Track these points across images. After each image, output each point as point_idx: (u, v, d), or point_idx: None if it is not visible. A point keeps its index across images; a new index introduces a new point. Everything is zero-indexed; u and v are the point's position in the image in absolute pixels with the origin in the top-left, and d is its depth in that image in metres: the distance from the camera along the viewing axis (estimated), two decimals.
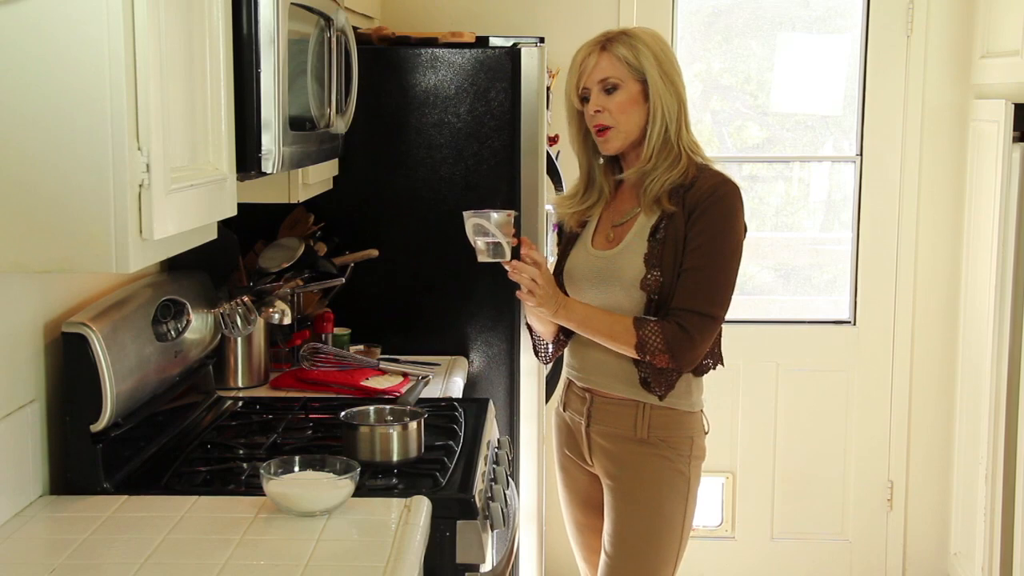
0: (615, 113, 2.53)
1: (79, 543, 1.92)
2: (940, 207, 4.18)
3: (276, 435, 2.53)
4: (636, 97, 2.53)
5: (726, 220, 2.51)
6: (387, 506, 2.09)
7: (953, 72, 4.11)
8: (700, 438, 2.62)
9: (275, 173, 2.14)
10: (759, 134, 4.44)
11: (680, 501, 2.57)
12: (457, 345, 3.40)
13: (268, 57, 2.07)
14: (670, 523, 2.57)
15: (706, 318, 2.48)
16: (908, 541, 4.33)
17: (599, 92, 2.54)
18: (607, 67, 2.53)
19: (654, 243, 2.51)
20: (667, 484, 2.56)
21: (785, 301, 4.57)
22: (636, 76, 2.52)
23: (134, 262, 1.64)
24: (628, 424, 2.57)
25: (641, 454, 2.56)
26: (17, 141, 1.60)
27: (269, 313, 2.93)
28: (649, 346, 2.48)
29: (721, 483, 4.34)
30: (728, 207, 2.51)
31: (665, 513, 2.56)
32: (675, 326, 2.47)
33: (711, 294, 2.50)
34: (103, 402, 2.12)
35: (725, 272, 2.52)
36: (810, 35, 4.32)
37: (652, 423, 2.55)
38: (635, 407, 2.56)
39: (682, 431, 2.58)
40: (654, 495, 2.56)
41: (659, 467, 2.56)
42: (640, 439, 2.56)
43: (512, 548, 2.56)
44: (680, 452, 2.57)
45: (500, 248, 2.51)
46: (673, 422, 2.57)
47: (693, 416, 2.60)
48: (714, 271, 2.50)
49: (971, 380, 3.96)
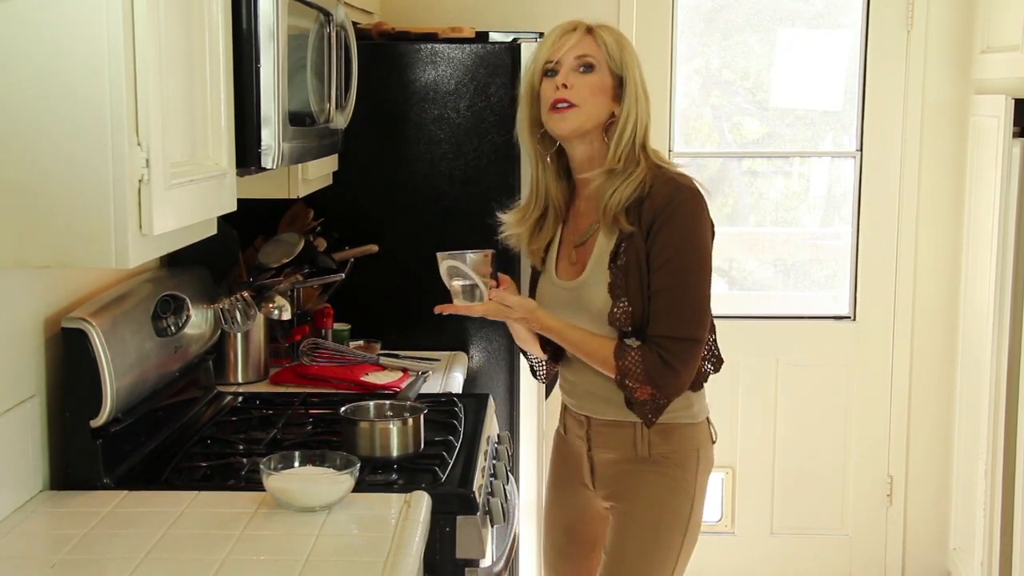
0: (584, 93, 2.33)
1: (79, 538, 1.92)
2: (940, 202, 4.18)
3: (276, 430, 2.53)
4: (607, 88, 2.35)
5: (688, 230, 2.33)
6: (387, 501, 2.09)
7: (953, 67, 4.11)
8: (707, 449, 2.47)
9: (274, 168, 2.14)
10: (759, 129, 4.44)
11: (680, 522, 2.44)
12: (457, 340, 3.40)
13: (267, 52, 2.07)
14: (667, 546, 2.44)
15: (687, 342, 2.32)
16: (908, 536, 4.34)
17: (572, 69, 2.34)
18: (589, 46, 2.36)
19: (616, 270, 2.34)
20: (668, 505, 2.43)
21: (785, 296, 4.57)
22: (614, 69, 2.35)
23: (134, 257, 1.64)
24: (628, 444, 2.42)
25: (643, 472, 2.42)
26: (17, 137, 1.60)
27: (269, 308, 2.93)
28: (631, 376, 2.33)
29: (721, 478, 4.34)
30: (687, 215, 2.32)
31: (662, 534, 2.43)
32: (656, 357, 2.30)
33: (687, 316, 2.32)
34: (103, 397, 2.12)
35: (698, 287, 2.34)
36: (810, 30, 4.31)
37: (652, 440, 2.40)
38: (633, 427, 2.41)
39: (686, 444, 2.43)
40: (653, 516, 2.43)
41: (660, 486, 2.42)
42: (642, 458, 2.41)
43: (512, 543, 2.56)
44: (686, 468, 2.43)
45: (477, 291, 2.36)
46: (675, 436, 2.42)
47: (697, 427, 2.45)
48: (686, 289, 2.33)
49: (971, 375, 3.96)
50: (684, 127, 4.29)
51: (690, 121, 4.34)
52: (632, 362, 2.32)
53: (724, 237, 4.62)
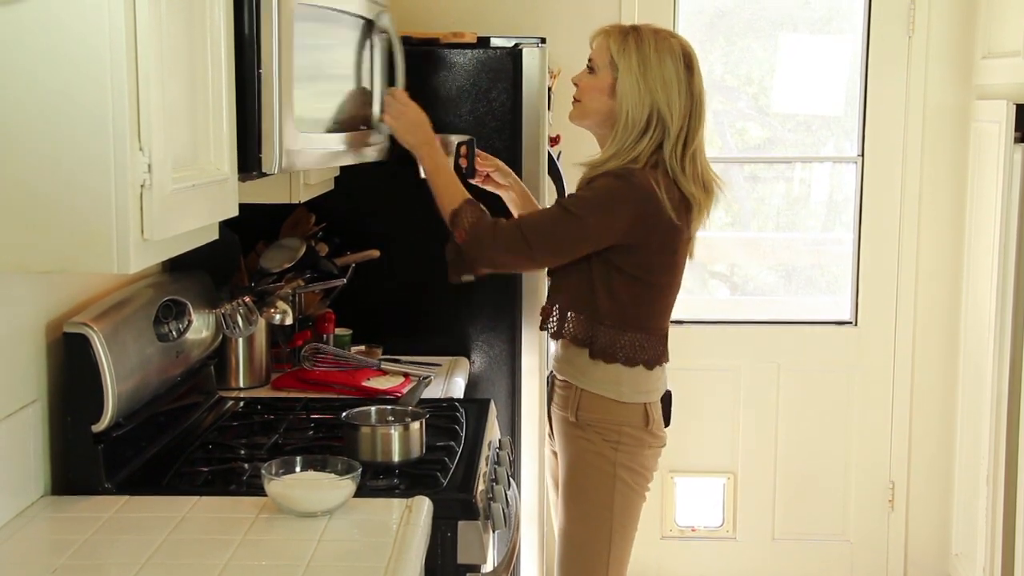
0: (583, 90, 2.68)
1: (80, 543, 1.92)
2: (941, 208, 4.18)
3: (277, 435, 2.53)
4: (604, 86, 2.63)
5: (604, 190, 2.56)
6: (388, 506, 2.09)
7: (954, 73, 4.11)
8: (637, 429, 2.67)
9: (276, 173, 2.14)
10: (760, 134, 4.44)
11: (606, 486, 2.65)
12: (458, 345, 3.40)
13: (270, 57, 2.07)
14: (595, 506, 2.67)
15: (522, 242, 2.58)
16: (909, 542, 4.33)
17: (584, 69, 2.70)
18: (596, 49, 2.67)
19: None
20: (592, 468, 2.66)
21: (786, 301, 4.57)
22: (612, 68, 2.61)
23: (135, 262, 1.64)
24: (568, 405, 2.70)
25: (571, 436, 2.70)
26: (19, 141, 1.59)
27: (270, 313, 2.93)
28: (460, 218, 2.61)
29: (722, 484, 4.34)
30: (612, 184, 2.56)
31: (589, 495, 2.67)
32: (493, 223, 2.60)
33: (543, 227, 2.60)
34: (104, 402, 2.12)
35: (575, 222, 2.56)
36: (811, 36, 4.32)
37: (581, 405, 2.67)
38: (572, 390, 2.69)
39: (610, 418, 2.65)
40: (579, 477, 2.69)
41: (581, 448, 2.68)
42: (571, 421, 2.69)
43: (513, 549, 2.56)
44: (606, 437, 2.65)
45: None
46: (600, 407, 2.66)
47: (624, 407, 2.65)
48: (567, 213, 2.57)
49: (972, 381, 3.95)
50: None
51: None
52: (466, 215, 2.61)
53: (726, 242, 4.64)
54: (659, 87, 2.57)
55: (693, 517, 4.38)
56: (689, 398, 4.06)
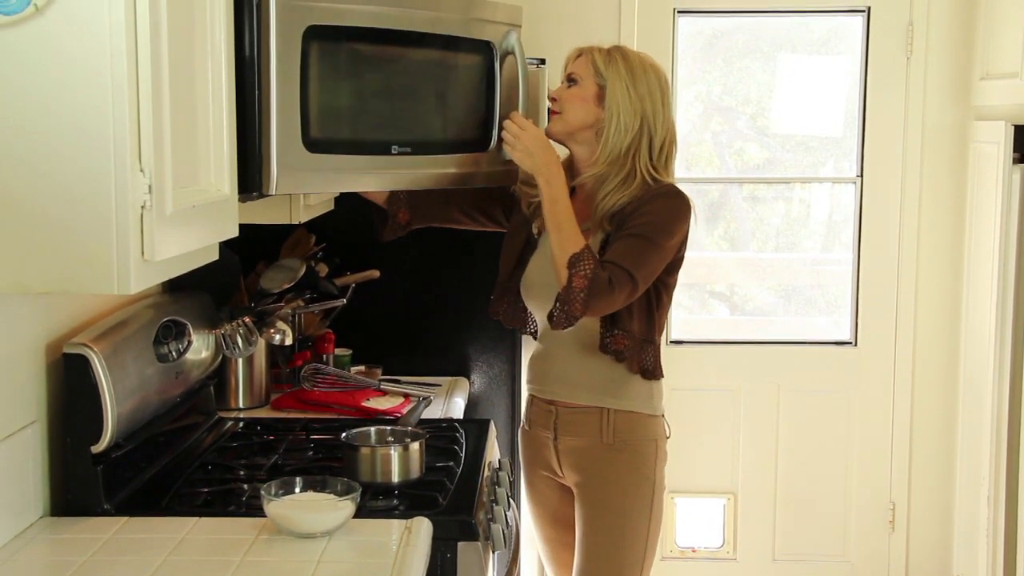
0: (564, 101, 2.63)
1: (79, 565, 1.91)
2: (940, 228, 4.18)
3: (277, 456, 2.53)
4: (588, 96, 2.61)
5: (668, 211, 2.55)
6: (388, 527, 2.09)
7: (953, 94, 4.12)
8: (663, 441, 2.69)
9: (276, 194, 2.15)
10: (760, 155, 4.45)
11: (645, 506, 2.63)
12: (458, 366, 3.40)
13: (269, 79, 2.07)
14: (635, 528, 2.63)
15: (629, 277, 2.48)
16: (910, 563, 4.32)
17: (563, 85, 2.67)
18: (577, 65, 2.65)
19: None
20: (633, 488, 2.62)
21: (786, 322, 4.57)
22: (597, 79, 2.60)
23: (135, 283, 1.64)
24: (594, 431, 2.62)
25: (608, 460, 2.63)
26: (20, 162, 1.60)
27: (270, 334, 2.93)
28: (581, 264, 2.46)
29: (722, 504, 4.33)
30: (672, 203, 2.56)
31: (631, 517, 2.62)
32: (604, 274, 2.45)
33: (640, 260, 2.50)
34: (104, 423, 2.12)
35: (658, 249, 2.52)
36: (810, 57, 4.33)
37: (617, 427, 2.61)
38: (599, 413, 2.62)
39: (646, 434, 2.64)
40: (620, 500, 2.62)
41: (625, 472, 2.62)
42: (607, 444, 2.62)
43: (513, 569, 2.56)
44: (646, 456, 2.64)
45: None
46: (638, 425, 2.63)
47: (656, 420, 2.67)
48: (650, 242, 2.51)
49: (973, 401, 3.95)
50: (685, 153, 4.30)
51: (691, 147, 4.36)
52: (587, 261, 2.45)
53: (725, 262, 4.64)
54: (647, 95, 2.59)
55: (693, 538, 4.37)
56: (689, 418, 4.06)
